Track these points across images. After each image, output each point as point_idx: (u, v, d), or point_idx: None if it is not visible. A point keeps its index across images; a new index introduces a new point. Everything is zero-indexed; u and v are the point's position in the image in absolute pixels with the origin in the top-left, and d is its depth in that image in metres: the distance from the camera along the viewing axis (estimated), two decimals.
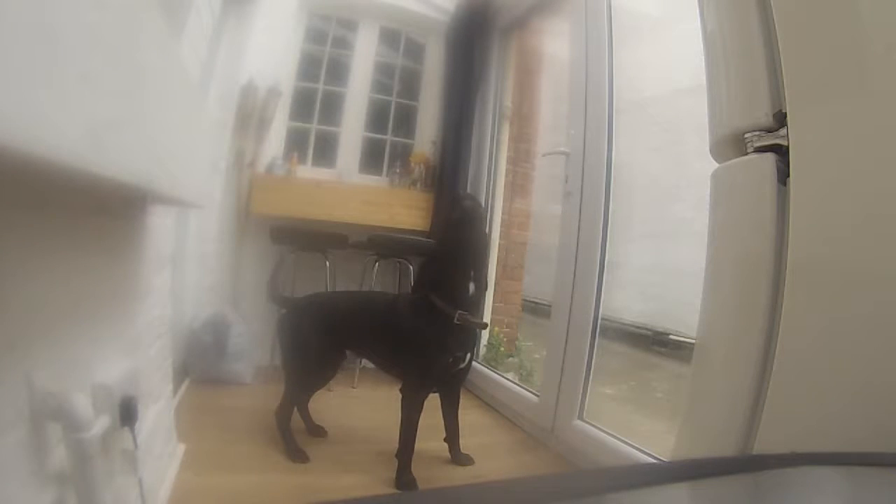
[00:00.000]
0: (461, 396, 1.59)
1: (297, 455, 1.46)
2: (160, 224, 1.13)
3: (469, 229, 1.40)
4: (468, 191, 2.60)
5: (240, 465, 1.39)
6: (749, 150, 0.83)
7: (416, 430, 1.41)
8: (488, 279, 1.51)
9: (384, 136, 2.98)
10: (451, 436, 1.57)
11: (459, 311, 1.37)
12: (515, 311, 2.85)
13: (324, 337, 1.53)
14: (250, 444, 1.52)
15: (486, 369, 2.36)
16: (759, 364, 0.76)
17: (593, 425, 1.61)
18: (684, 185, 2.04)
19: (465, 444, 1.59)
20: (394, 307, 1.51)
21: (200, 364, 2.10)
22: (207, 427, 1.58)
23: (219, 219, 2.49)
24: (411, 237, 2.50)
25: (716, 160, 0.93)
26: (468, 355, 1.49)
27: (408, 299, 1.51)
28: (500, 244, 2.73)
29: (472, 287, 1.39)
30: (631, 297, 2.29)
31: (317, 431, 1.67)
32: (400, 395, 1.44)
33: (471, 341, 1.47)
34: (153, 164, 0.61)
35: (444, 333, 1.39)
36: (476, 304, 1.43)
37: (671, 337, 2.39)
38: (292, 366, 1.57)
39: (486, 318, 2.51)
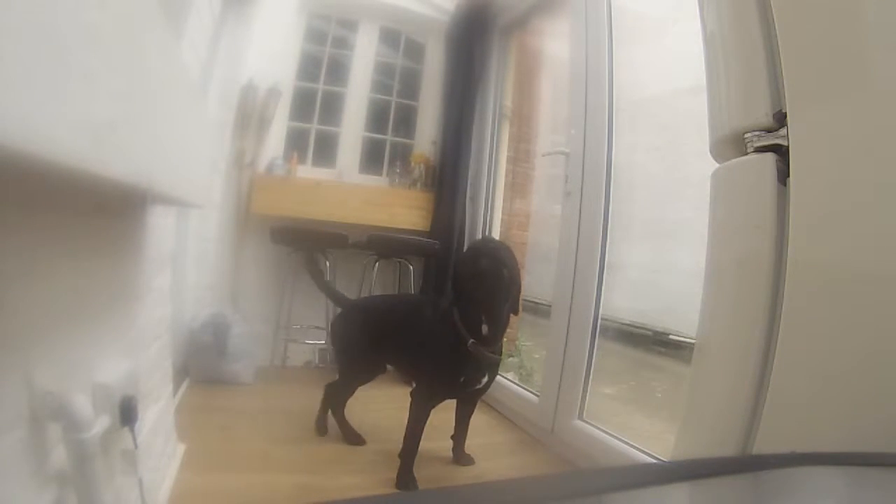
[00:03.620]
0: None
1: (353, 438, 1.62)
2: (160, 224, 1.13)
3: (484, 286, 1.33)
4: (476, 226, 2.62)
5: (240, 464, 1.39)
6: (749, 150, 0.83)
7: (420, 434, 1.41)
8: (519, 307, 1.48)
9: (384, 136, 2.97)
10: (458, 437, 1.58)
11: (472, 340, 1.34)
12: None
13: (367, 347, 1.62)
14: (250, 443, 1.52)
15: None
16: (759, 364, 0.76)
17: (593, 425, 1.61)
18: (684, 185, 2.03)
19: (466, 444, 1.59)
20: (421, 311, 1.54)
21: (200, 364, 2.10)
22: (207, 427, 1.57)
23: (219, 219, 2.49)
24: (411, 237, 2.51)
25: (716, 160, 0.93)
26: (485, 378, 1.44)
27: (437, 306, 1.48)
28: None
29: (485, 329, 1.35)
30: (631, 297, 2.29)
31: (355, 439, 1.64)
32: (410, 397, 1.45)
33: (486, 366, 1.41)
34: (153, 164, 0.61)
35: (458, 353, 1.36)
36: (491, 341, 1.37)
37: (671, 337, 2.38)
38: (342, 364, 1.74)
39: None
